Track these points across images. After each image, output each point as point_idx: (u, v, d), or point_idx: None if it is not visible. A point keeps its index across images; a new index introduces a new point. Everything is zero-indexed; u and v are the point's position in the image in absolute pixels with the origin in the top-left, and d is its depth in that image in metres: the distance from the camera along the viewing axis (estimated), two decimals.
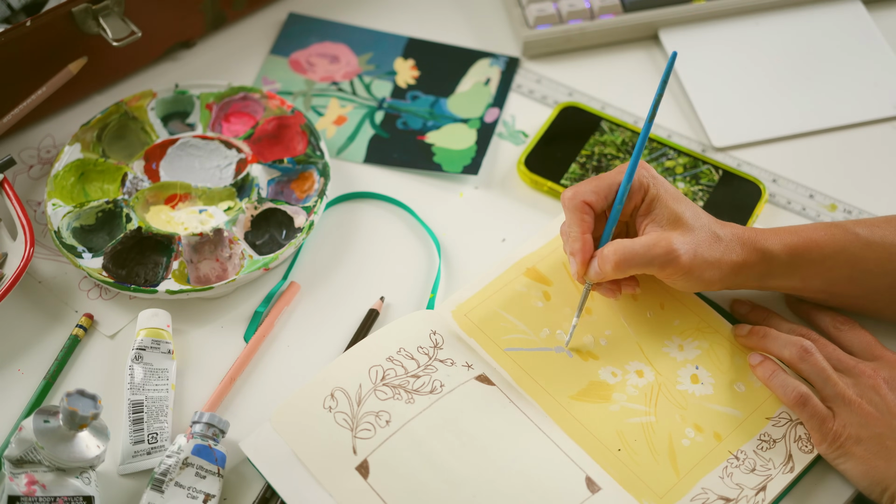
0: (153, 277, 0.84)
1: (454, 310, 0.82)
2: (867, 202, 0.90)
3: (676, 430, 0.77)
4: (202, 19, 0.99)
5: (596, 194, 0.77)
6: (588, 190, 0.77)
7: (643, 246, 0.75)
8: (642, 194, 0.77)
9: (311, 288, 0.86)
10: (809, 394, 0.74)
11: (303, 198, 0.89)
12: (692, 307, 0.82)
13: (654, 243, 0.75)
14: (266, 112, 0.94)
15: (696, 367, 0.80)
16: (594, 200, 0.77)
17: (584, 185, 0.78)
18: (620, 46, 1.02)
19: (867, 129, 0.95)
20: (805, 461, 0.75)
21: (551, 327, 0.82)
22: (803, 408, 0.74)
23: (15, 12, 0.93)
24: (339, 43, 1.01)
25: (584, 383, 0.79)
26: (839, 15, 1.02)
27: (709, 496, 0.74)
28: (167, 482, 0.72)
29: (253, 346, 0.82)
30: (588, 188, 0.77)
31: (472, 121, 0.96)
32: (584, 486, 0.74)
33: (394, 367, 0.78)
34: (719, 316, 0.82)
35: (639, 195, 0.77)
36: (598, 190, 0.77)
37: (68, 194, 0.88)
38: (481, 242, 0.88)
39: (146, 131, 0.92)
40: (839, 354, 0.77)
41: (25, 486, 0.68)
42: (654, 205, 0.77)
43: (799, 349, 0.76)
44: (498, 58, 1.00)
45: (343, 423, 0.75)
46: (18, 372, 0.81)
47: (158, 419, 0.77)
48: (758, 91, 0.97)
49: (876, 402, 0.73)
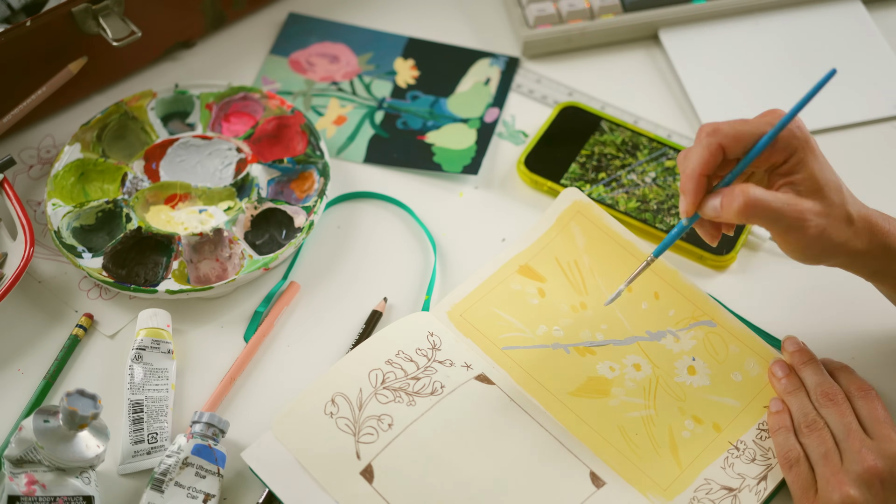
0: (153, 277, 0.84)
1: (449, 310, 0.82)
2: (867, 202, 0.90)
3: (676, 423, 0.77)
4: (202, 19, 0.99)
5: (736, 141, 0.71)
6: (730, 133, 0.71)
7: (778, 201, 0.70)
8: (786, 155, 0.72)
9: (311, 288, 0.86)
10: (801, 461, 0.74)
11: (303, 198, 0.89)
12: (687, 295, 0.82)
13: (790, 204, 0.70)
14: (266, 112, 0.94)
15: (692, 359, 0.80)
16: (730, 146, 0.71)
17: (728, 126, 0.71)
18: (620, 46, 1.02)
19: (867, 129, 0.95)
20: None
21: (547, 324, 0.82)
22: (789, 470, 0.74)
23: (15, 12, 0.93)
24: (339, 43, 1.01)
25: (583, 379, 0.79)
26: (839, 15, 1.02)
27: (712, 486, 0.74)
28: (167, 482, 0.72)
29: (253, 346, 0.82)
30: (731, 131, 0.71)
31: (472, 121, 0.96)
32: (588, 482, 0.74)
33: (393, 371, 0.78)
34: (714, 301, 0.82)
35: (782, 155, 0.72)
36: (740, 137, 0.71)
37: (68, 194, 0.88)
38: (481, 242, 0.88)
39: (146, 131, 0.92)
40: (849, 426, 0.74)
41: (25, 486, 0.68)
42: (797, 168, 0.71)
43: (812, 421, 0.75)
44: (498, 58, 1.00)
45: (345, 429, 0.75)
46: (18, 372, 0.81)
47: (158, 419, 0.77)
48: (758, 91, 0.98)
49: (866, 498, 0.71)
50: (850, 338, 0.83)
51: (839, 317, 0.83)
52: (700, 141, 0.72)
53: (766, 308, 0.84)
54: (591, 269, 0.84)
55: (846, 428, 0.74)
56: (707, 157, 0.71)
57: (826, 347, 0.82)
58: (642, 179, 0.90)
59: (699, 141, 0.72)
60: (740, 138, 0.71)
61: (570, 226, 0.86)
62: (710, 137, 0.71)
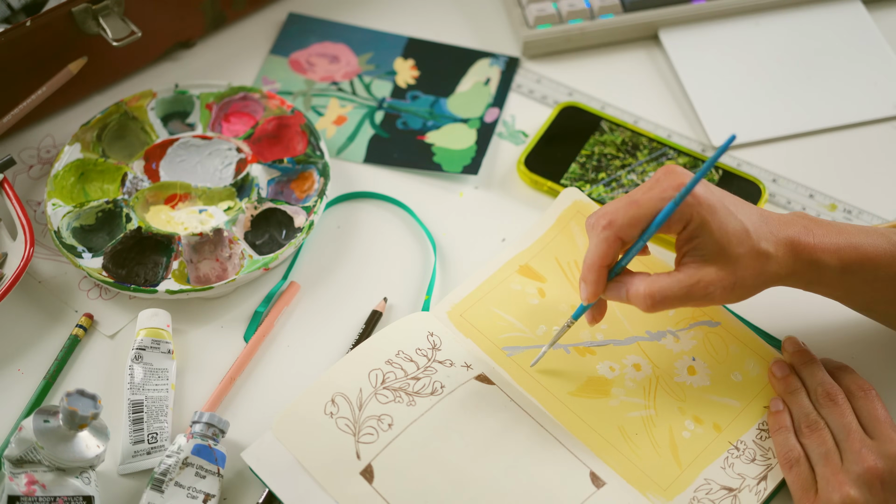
0: (153, 277, 0.84)
1: (449, 310, 0.82)
2: (867, 202, 0.90)
3: (676, 423, 0.77)
4: (202, 19, 0.99)
5: (631, 227, 0.72)
6: (625, 224, 0.71)
7: (679, 287, 0.71)
8: (683, 224, 0.71)
9: (311, 288, 0.86)
10: (801, 461, 0.74)
11: (303, 198, 0.89)
12: None
13: (690, 283, 0.71)
14: (266, 112, 0.94)
15: (692, 359, 0.80)
16: (626, 233, 0.72)
17: (621, 215, 0.71)
18: (620, 46, 1.02)
19: (867, 129, 0.95)
20: None
21: (547, 324, 0.82)
22: (790, 470, 0.74)
23: (15, 12, 0.93)
24: (339, 43, 1.01)
25: (583, 379, 0.79)
26: (839, 15, 1.02)
27: (712, 486, 0.74)
28: (167, 482, 0.72)
29: (253, 346, 0.82)
30: (624, 221, 0.71)
31: (472, 121, 0.96)
32: (588, 482, 0.74)
33: (393, 371, 0.78)
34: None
35: (678, 225, 0.72)
36: (635, 222, 0.71)
37: (68, 194, 0.88)
38: (481, 242, 0.88)
39: (146, 131, 0.92)
40: (849, 426, 0.74)
41: (25, 486, 0.68)
42: (697, 232, 0.71)
43: (812, 421, 0.75)
44: (498, 58, 1.00)
45: (345, 429, 0.75)
46: (18, 372, 0.81)
47: (158, 419, 0.77)
48: (758, 91, 0.97)
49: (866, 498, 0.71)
50: (850, 338, 0.83)
51: (839, 317, 0.83)
52: (597, 234, 0.72)
53: (766, 308, 0.84)
54: None
55: (846, 428, 0.74)
56: (605, 250, 0.72)
57: (826, 347, 0.82)
58: (642, 179, 0.90)
59: (595, 234, 0.72)
60: (635, 224, 0.72)
61: (570, 226, 0.86)
62: (606, 231, 0.72)
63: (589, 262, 0.73)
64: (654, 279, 0.72)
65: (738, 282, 0.72)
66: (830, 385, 0.76)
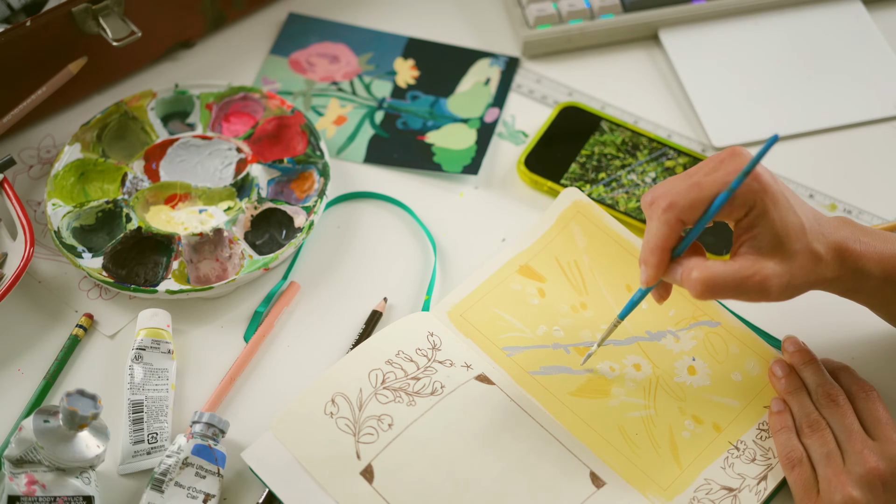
0: (153, 277, 0.84)
1: (449, 311, 0.82)
2: (867, 202, 0.90)
3: (676, 423, 0.77)
4: (202, 19, 0.99)
5: (692, 210, 0.70)
6: (686, 205, 0.69)
7: (735, 277, 0.69)
8: (745, 210, 0.70)
9: (311, 288, 0.86)
10: (803, 461, 0.74)
11: (303, 198, 0.89)
12: (687, 295, 0.82)
13: (747, 275, 0.69)
14: (266, 112, 0.94)
15: (692, 359, 0.80)
16: (688, 217, 0.70)
17: (683, 197, 0.70)
18: (620, 46, 1.02)
19: (867, 129, 0.95)
20: None
21: (548, 324, 0.82)
22: (792, 470, 0.74)
23: (15, 12, 0.93)
24: (339, 43, 1.01)
25: (583, 379, 0.79)
26: (839, 15, 1.02)
27: (712, 486, 0.74)
28: (167, 482, 0.72)
29: (253, 346, 0.82)
30: (686, 202, 0.70)
31: (472, 121, 0.96)
32: (588, 482, 0.74)
33: (393, 371, 0.78)
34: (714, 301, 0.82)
35: (741, 210, 0.70)
36: (696, 205, 0.69)
37: (68, 194, 0.88)
38: (481, 242, 0.88)
39: (146, 131, 0.92)
40: (851, 427, 0.74)
41: (25, 486, 0.68)
42: (757, 221, 0.70)
43: (814, 421, 0.75)
44: (498, 58, 1.00)
45: (345, 429, 0.75)
46: (18, 372, 0.81)
47: (158, 419, 0.77)
48: (758, 91, 0.97)
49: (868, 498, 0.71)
50: (850, 338, 0.83)
51: (839, 317, 0.83)
52: (658, 217, 0.70)
53: (766, 308, 0.84)
54: (592, 270, 0.84)
55: (848, 429, 0.74)
56: (668, 233, 0.70)
57: (826, 347, 0.82)
58: (642, 179, 0.91)
59: (656, 216, 0.70)
60: (697, 206, 0.70)
61: (571, 226, 0.86)
62: (667, 213, 0.70)
63: (651, 245, 0.71)
64: (708, 265, 0.70)
65: (791, 280, 0.70)
66: (831, 386, 0.76)
